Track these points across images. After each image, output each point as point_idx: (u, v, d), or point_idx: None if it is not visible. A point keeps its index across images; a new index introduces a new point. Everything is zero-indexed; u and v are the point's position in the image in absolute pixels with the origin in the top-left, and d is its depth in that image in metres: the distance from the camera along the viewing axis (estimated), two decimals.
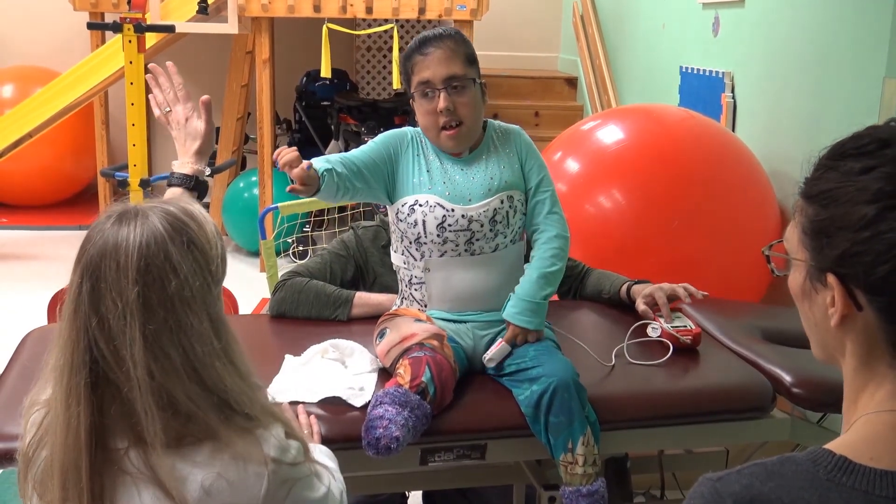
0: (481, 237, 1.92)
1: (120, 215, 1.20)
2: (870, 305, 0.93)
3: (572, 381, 1.78)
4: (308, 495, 1.27)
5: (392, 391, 1.70)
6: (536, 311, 1.89)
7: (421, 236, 1.93)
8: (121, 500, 1.17)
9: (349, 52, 6.91)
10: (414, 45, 1.95)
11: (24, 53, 6.65)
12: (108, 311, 1.14)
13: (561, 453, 1.77)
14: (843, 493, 0.88)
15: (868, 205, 0.91)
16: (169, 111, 1.86)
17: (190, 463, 1.17)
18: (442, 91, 1.89)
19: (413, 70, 1.92)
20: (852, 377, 0.98)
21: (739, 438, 2.10)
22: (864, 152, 0.94)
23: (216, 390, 1.18)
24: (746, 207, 3.06)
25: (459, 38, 1.94)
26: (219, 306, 1.24)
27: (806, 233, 0.98)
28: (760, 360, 2.03)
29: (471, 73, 1.93)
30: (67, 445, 1.16)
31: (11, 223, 6.15)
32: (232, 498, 1.18)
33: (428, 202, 1.92)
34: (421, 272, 1.95)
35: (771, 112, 3.53)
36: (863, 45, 2.87)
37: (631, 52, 5.45)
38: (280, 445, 1.23)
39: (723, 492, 0.90)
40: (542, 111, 6.22)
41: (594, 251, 2.75)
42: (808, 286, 0.99)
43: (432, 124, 1.92)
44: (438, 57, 1.89)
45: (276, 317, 2.21)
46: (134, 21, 4.00)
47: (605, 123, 3.28)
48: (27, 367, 1.95)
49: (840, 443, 0.93)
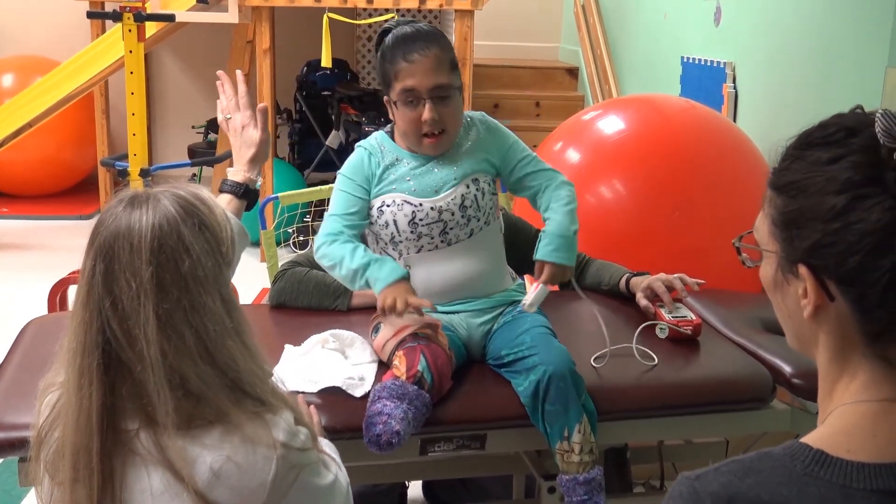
0: (454, 225, 1.92)
1: (132, 199, 1.22)
2: (842, 296, 0.92)
3: (568, 370, 1.78)
4: (315, 482, 1.28)
5: (389, 384, 1.70)
6: (570, 246, 1.91)
7: (395, 235, 1.93)
8: (131, 480, 1.19)
9: (350, 42, 6.89)
10: (396, 46, 1.89)
11: (24, 43, 6.63)
12: (122, 291, 1.16)
13: (557, 441, 1.77)
14: (820, 487, 0.87)
15: (837, 195, 0.90)
16: (230, 118, 1.89)
17: (199, 445, 1.18)
18: (428, 101, 1.86)
19: (396, 75, 1.88)
20: (827, 368, 0.97)
21: (739, 429, 2.10)
22: (830, 141, 0.93)
23: (228, 370, 1.20)
24: (747, 198, 3.05)
25: (445, 44, 1.91)
26: (230, 289, 1.26)
27: (776, 224, 0.97)
28: (761, 351, 2.03)
29: (455, 82, 1.91)
30: (79, 427, 1.17)
31: (12, 213, 6.14)
32: (240, 481, 1.18)
33: (395, 201, 1.92)
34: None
35: (772, 102, 3.52)
36: (865, 35, 2.86)
37: (632, 42, 5.43)
38: (289, 430, 1.23)
39: (701, 490, 0.90)
40: (543, 101, 6.20)
41: (595, 241, 2.75)
42: (780, 277, 0.99)
43: (414, 131, 1.90)
44: (425, 66, 1.86)
45: (276, 307, 2.21)
46: (134, 10, 3.99)
47: (606, 114, 3.27)
48: (27, 356, 1.95)
49: (817, 436, 0.92)
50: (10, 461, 1.70)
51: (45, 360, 1.85)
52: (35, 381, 1.77)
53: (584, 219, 2.09)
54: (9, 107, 5.44)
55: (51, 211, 6.18)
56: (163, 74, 6.95)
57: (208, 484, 1.17)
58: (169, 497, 1.17)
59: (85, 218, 6.08)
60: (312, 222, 5.18)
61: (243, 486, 1.18)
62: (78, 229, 5.83)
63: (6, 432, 1.66)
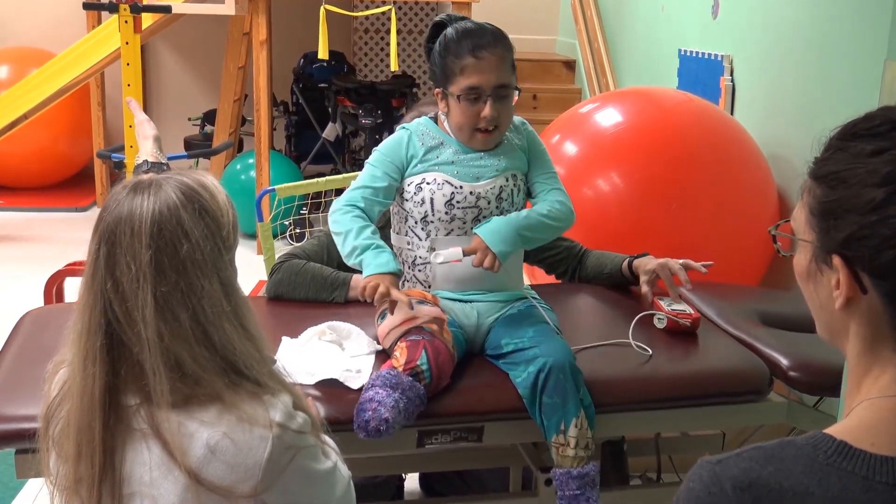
0: (488, 214, 1.95)
1: (135, 186, 1.25)
2: (875, 289, 0.92)
3: (568, 362, 1.78)
4: (312, 466, 1.30)
5: (384, 374, 1.71)
6: (508, 240, 1.87)
7: (428, 214, 1.94)
8: (131, 456, 1.22)
9: (347, 34, 6.87)
10: (463, 42, 1.92)
11: (20, 34, 6.60)
12: (123, 274, 1.20)
13: (553, 434, 1.77)
14: (842, 478, 0.87)
15: (877, 188, 0.90)
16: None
17: (197, 421, 1.21)
18: (490, 99, 1.90)
19: (461, 71, 1.91)
20: (856, 361, 0.97)
21: (736, 421, 2.10)
22: (875, 134, 0.93)
23: (225, 352, 1.23)
24: (745, 191, 3.05)
25: (508, 45, 1.95)
26: (231, 272, 1.29)
27: (813, 213, 0.97)
28: (758, 344, 2.03)
29: (514, 81, 1.95)
30: (83, 406, 1.22)
31: (7, 205, 6.12)
32: (235, 458, 1.21)
33: (436, 180, 1.94)
34: (426, 252, 1.96)
35: (770, 95, 3.52)
36: (863, 28, 2.86)
37: (630, 35, 5.42)
38: (287, 412, 1.26)
39: (722, 475, 0.90)
40: (540, 94, 6.19)
41: (592, 234, 2.75)
42: (814, 267, 0.98)
43: (470, 125, 1.93)
44: (492, 64, 1.90)
45: (272, 299, 2.21)
46: (130, 1, 3.97)
47: (604, 106, 3.27)
48: (24, 348, 1.94)
49: (841, 428, 0.92)
50: (6, 453, 1.70)
51: (41, 351, 1.85)
52: (32, 372, 1.78)
53: (581, 211, 2.09)
54: (4, 98, 5.42)
55: (47, 203, 6.16)
56: (159, 66, 6.93)
57: (203, 459, 1.20)
58: (166, 470, 1.20)
59: (81, 210, 6.07)
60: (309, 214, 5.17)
61: (238, 463, 1.21)
62: (74, 221, 5.82)
63: (3, 424, 1.66)
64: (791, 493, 0.87)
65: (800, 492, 0.87)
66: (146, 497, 1.22)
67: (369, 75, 6.88)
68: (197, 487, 1.20)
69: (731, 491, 0.88)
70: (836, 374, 1.48)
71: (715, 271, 2.19)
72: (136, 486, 1.22)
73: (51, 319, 2.08)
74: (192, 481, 1.19)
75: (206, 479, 1.20)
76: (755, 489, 0.88)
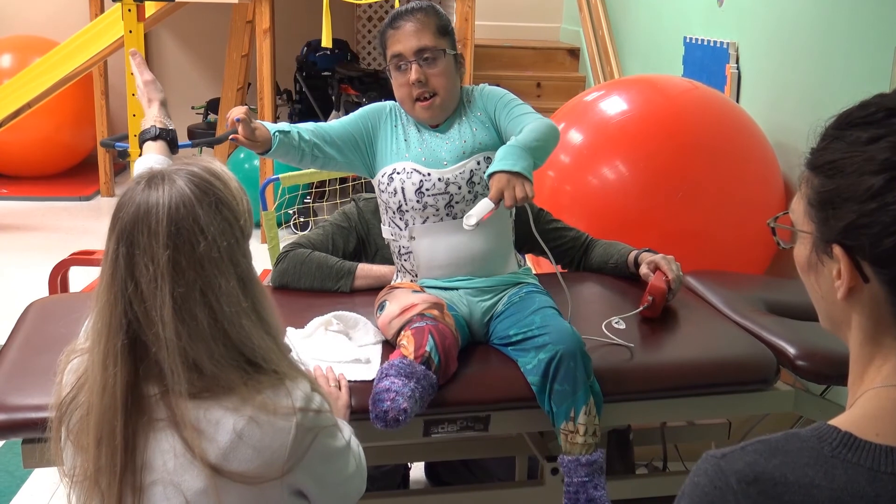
0: (460, 199, 1.95)
1: (149, 180, 1.25)
2: (876, 278, 0.91)
3: (579, 350, 1.77)
4: (331, 444, 1.32)
5: (397, 363, 1.70)
6: (519, 154, 1.77)
7: (402, 204, 1.96)
8: (153, 444, 1.23)
9: (350, 22, 6.85)
10: (388, 20, 2.00)
11: (23, 23, 6.59)
12: (142, 275, 1.20)
13: (562, 422, 1.77)
14: (847, 470, 0.87)
15: (875, 175, 0.89)
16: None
17: (222, 408, 1.22)
18: (413, 63, 1.94)
19: (386, 44, 1.98)
20: (858, 350, 0.97)
21: (742, 410, 2.10)
22: (871, 121, 0.92)
23: (243, 349, 1.24)
24: (750, 179, 3.04)
25: (431, 10, 1.98)
26: (248, 263, 1.29)
27: (812, 204, 0.96)
28: (764, 333, 2.03)
29: (442, 44, 1.96)
30: (104, 405, 1.22)
31: (11, 194, 6.12)
32: (262, 441, 1.22)
33: (405, 169, 1.96)
34: (407, 241, 1.98)
35: (776, 83, 3.50)
36: (871, 14, 2.84)
37: (634, 22, 5.40)
38: (306, 396, 1.27)
39: (726, 469, 0.89)
40: (544, 82, 6.18)
41: (597, 223, 2.74)
42: (815, 258, 0.98)
43: (406, 96, 1.97)
44: (409, 30, 1.95)
45: (278, 288, 2.20)
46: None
47: (608, 95, 3.26)
48: (30, 338, 1.94)
49: (845, 419, 0.92)
50: (13, 442, 1.70)
51: (47, 341, 1.85)
52: (38, 362, 1.78)
53: (586, 200, 2.09)
54: (7, 87, 5.41)
55: (50, 192, 6.16)
56: (162, 55, 6.91)
57: (231, 445, 1.21)
58: (191, 457, 1.21)
59: (85, 199, 6.06)
60: (313, 204, 5.16)
61: (265, 447, 1.22)
62: (78, 210, 5.82)
63: (9, 414, 1.66)
64: (797, 485, 0.87)
65: (805, 484, 0.87)
66: (168, 485, 1.22)
67: (373, 63, 6.86)
68: (220, 475, 1.21)
69: (736, 485, 0.88)
70: (842, 362, 1.47)
71: (720, 259, 2.18)
72: (157, 473, 1.23)
73: (56, 309, 2.08)
74: (212, 471, 1.20)
75: (231, 468, 1.21)
76: (760, 482, 0.87)
